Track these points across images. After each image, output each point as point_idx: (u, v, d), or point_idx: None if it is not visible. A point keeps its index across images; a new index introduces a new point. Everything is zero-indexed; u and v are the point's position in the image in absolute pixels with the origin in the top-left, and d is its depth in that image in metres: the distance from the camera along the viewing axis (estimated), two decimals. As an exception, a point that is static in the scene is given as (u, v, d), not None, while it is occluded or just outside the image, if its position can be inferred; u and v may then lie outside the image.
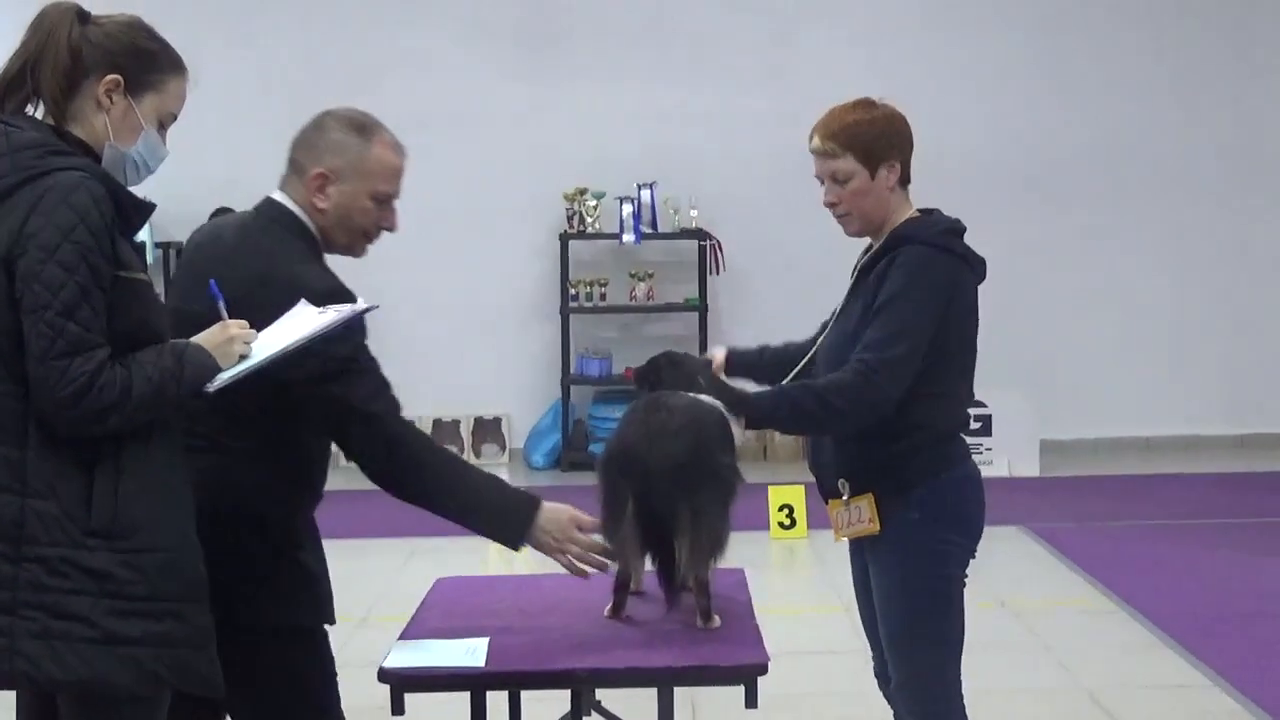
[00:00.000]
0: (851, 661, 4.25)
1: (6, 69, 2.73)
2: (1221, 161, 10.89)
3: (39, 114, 2.72)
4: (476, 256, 10.37)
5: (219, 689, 2.73)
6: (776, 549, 7.93)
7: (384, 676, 3.05)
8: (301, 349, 2.81)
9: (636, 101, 10.67)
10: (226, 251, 3.09)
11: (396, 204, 3.21)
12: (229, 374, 2.70)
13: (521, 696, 3.62)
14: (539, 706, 3.66)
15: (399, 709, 3.07)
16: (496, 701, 3.27)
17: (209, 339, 2.72)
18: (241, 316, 2.80)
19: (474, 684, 3.09)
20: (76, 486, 2.57)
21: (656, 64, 10.72)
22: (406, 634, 3.31)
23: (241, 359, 2.73)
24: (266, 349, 2.76)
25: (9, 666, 2.53)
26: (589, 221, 10.46)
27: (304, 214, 3.13)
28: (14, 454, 2.56)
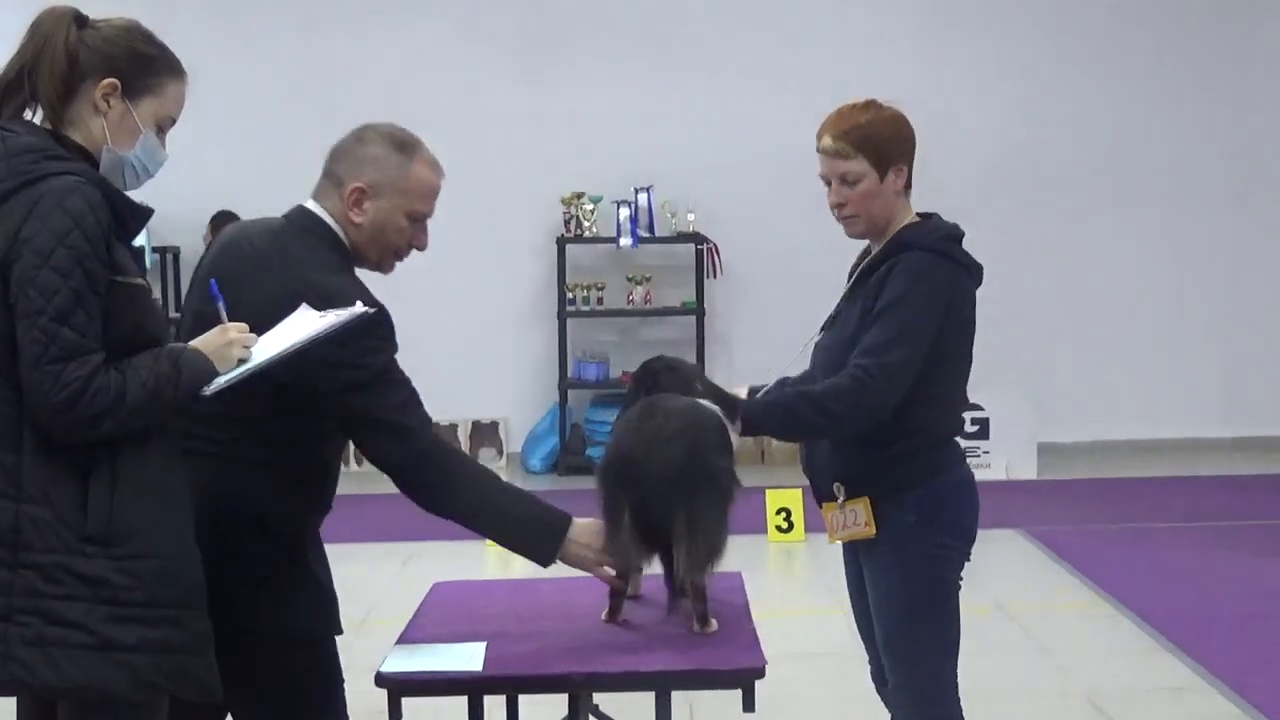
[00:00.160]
0: (849, 664, 4.25)
1: (3, 74, 2.72)
2: (1220, 164, 10.90)
3: (37, 119, 2.72)
4: (474, 260, 10.36)
5: (216, 695, 2.72)
6: (774, 552, 7.93)
7: (381, 681, 3.04)
8: (310, 353, 2.80)
9: (634, 105, 10.67)
10: (256, 257, 3.06)
11: (429, 223, 3.21)
12: (226, 377, 2.68)
13: (519, 700, 3.62)
14: (537, 710, 3.65)
15: (396, 713, 3.06)
16: (494, 705, 3.27)
17: (208, 342, 2.71)
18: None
19: (471, 688, 3.09)
20: (72, 492, 2.56)
21: (654, 67, 10.72)
22: (404, 638, 3.30)
23: (241, 362, 2.71)
24: (266, 352, 2.75)
25: (4, 673, 2.52)
26: (586, 225, 10.46)
27: (337, 226, 3.11)
28: (9, 459, 2.55)
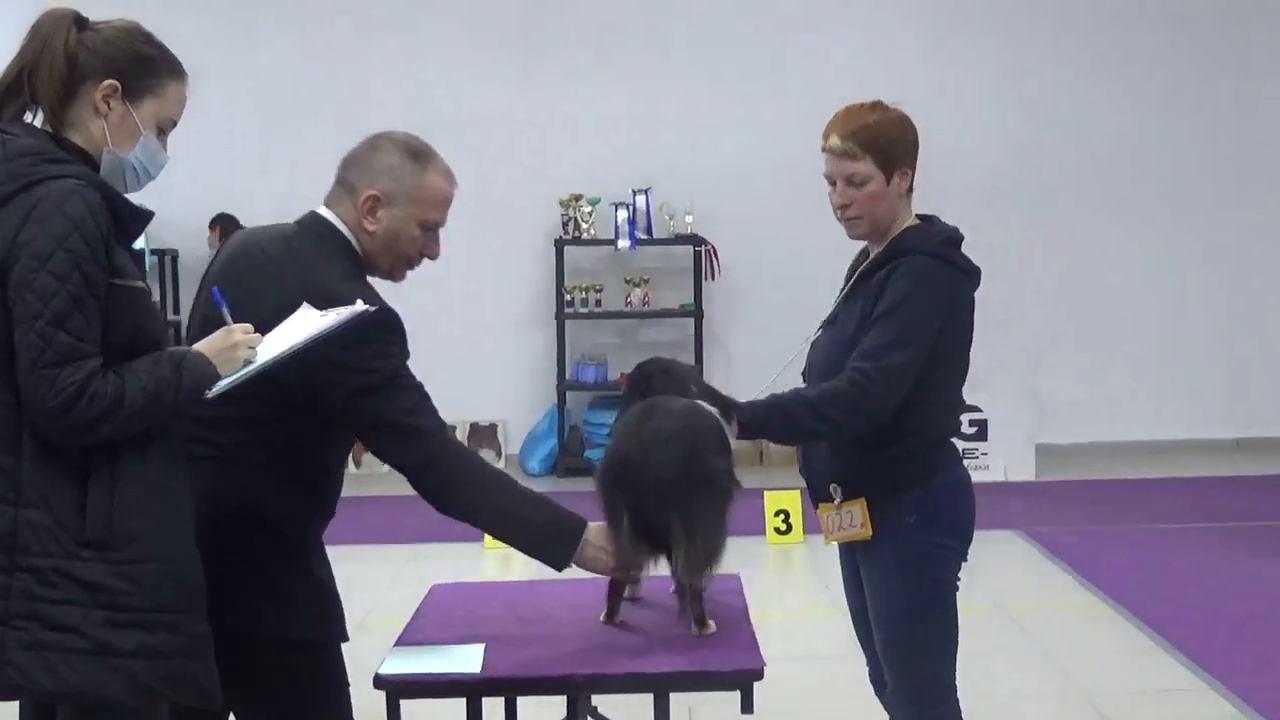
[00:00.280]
0: (847, 666, 4.25)
1: (3, 76, 2.71)
2: (1218, 166, 10.91)
3: (37, 121, 2.70)
4: (472, 262, 10.36)
5: (215, 700, 2.71)
6: (772, 554, 7.93)
7: (380, 683, 3.04)
8: (322, 357, 2.79)
9: (632, 107, 10.68)
10: (267, 263, 3.05)
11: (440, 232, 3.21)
12: (229, 380, 2.67)
13: (518, 703, 3.62)
14: (535, 712, 3.65)
15: (395, 715, 3.06)
16: (493, 708, 3.27)
17: (212, 345, 2.69)
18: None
19: (470, 690, 3.08)
20: (70, 496, 2.55)
21: (652, 70, 10.73)
22: (402, 640, 3.30)
23: (246, 364, 2.70)
24: (269, 352, 2.74)
25: (0, 678, 2.51)
26: (584, 227, 10.47)
27: (350, 233, 3.10)
28: (8, 463, 2.54)
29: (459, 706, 3.13)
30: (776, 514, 8.06)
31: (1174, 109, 10.85)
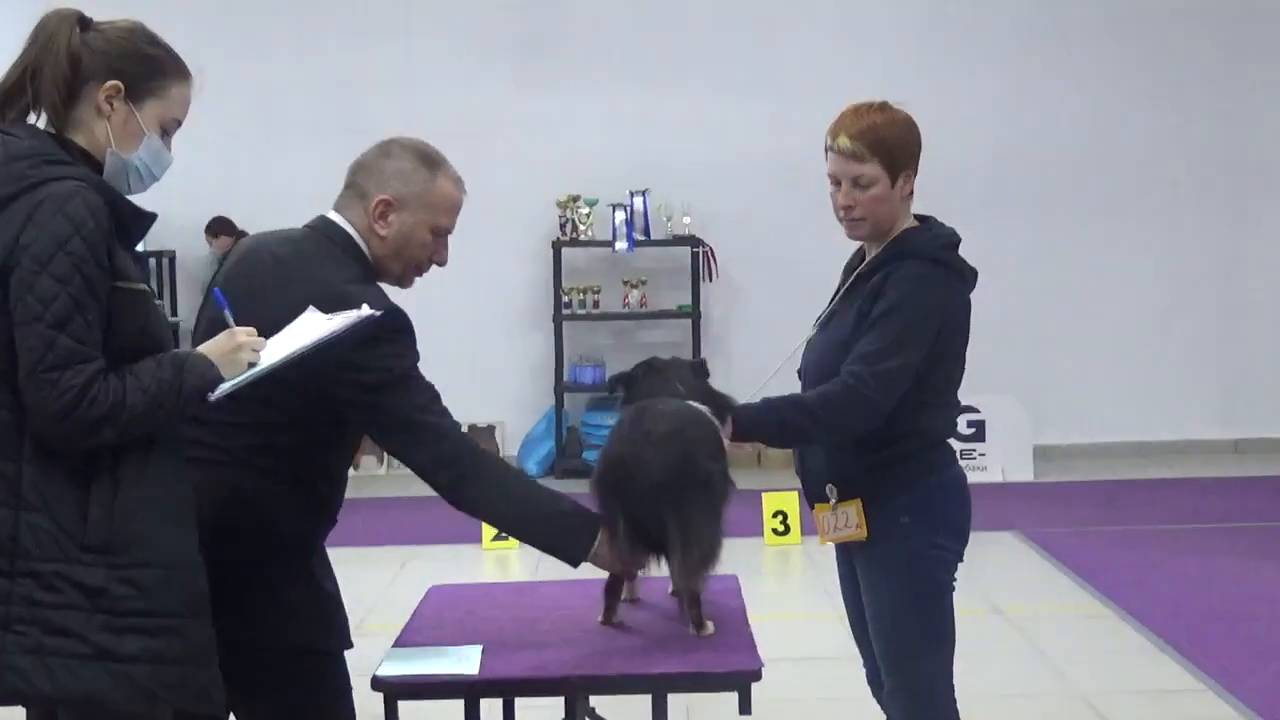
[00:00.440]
0: (845, 667, 4.25)
1: (6, 77, 2.69)
2: (1215, 167, 10.91)
3: (41, 122, 2.68)
4: (469, 264, 10.26)
5: (219, 706, 2.69)
6: (770, 555, 7.93)
7: (378, 685, 3.05)
8: (330, 359, 2.79)
9: (629, 109, 10.67)
10: (276, 266, 3.05)
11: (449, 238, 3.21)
12: (232, 383, 2.66)
13: (516, 704, 3.62)
14: (533, 713, 3.65)
15: (393, 717, 3.07)
16: (491, 709, 3.27)
17: (216, 348, 2.68)
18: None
19: (468, 692, 3.08)
20: (72, 501, 2.53)
21: (649, 71, 10.72)
22: (400, 642, 3.30)
23: (250, 366, 2.69)
24: (273, 355, 2.73)
25: (1, 682, 2.49)
26: (582, 229, 10.47)
27: (360, 238, 3.11)
28: (9, 467, 2.52)
29: (457, 708, 3.12)
30: (774, 515, 8.06)
31: (1170, 110, 10.84)
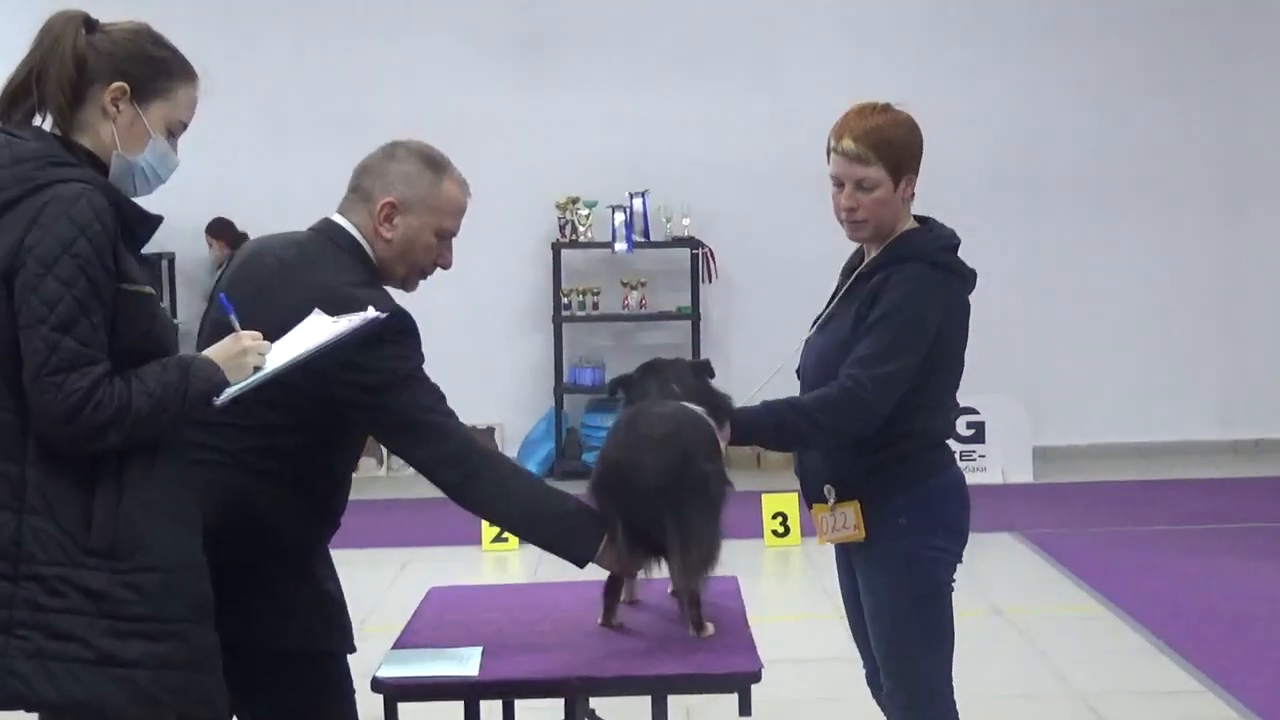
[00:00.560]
0: (845, 668, 4.25)
1: (12, 78, 2.67)
2: (1216, 168, 10.90)
3: (46, 124, 2.67)
4: (469, 265, 10.20)
5: (221, 711, 2.69)
6: (770, 557, 7.93)
7: (377, 686, 3.05)
8: (334, 361, 2.79)
9: (628, 109, 10.67)
10: (280, 269, 3.04)
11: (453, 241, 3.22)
12: (238, 387, 2.65)
13: (515, 705, 3.62)
14: (533, 715, 3.65)
15: (393, 719, 3.07)
16: (490, 710, 3.27)
17: (221, 352, 2.67)
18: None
19: (468, 693, 3.08)
20: (76, 504, 2.51)
21: (648, 72, 10.72)
22: (400, 644, 3.30)
23: (255, 370, 2.68)
24: (279, 359, 2.72)
25: (3, 687, 2.48)
26: (581, 230, 10.46)
27: (365, 241, 3.10)
28: (13, 470, 2.50)
29: (457, 710, 3.12)
30: (774, 516, 8.06)
31: (1170, 111, 10.83)
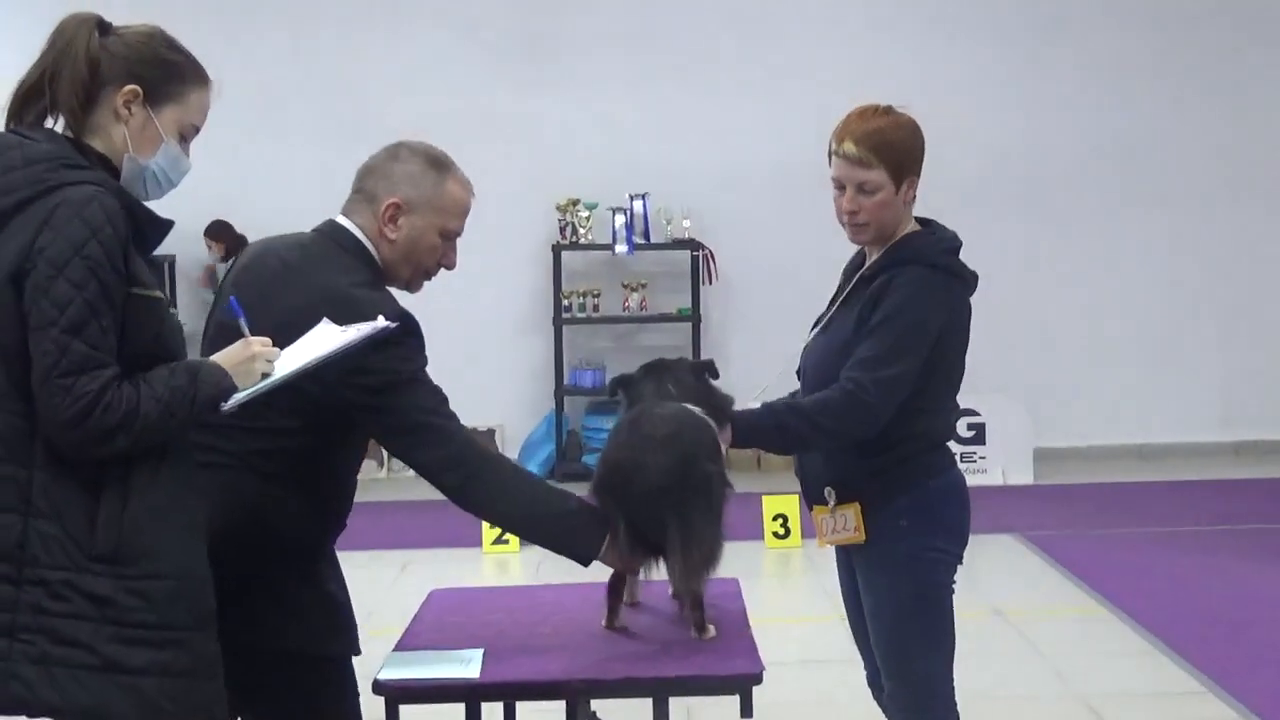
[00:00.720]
0: (846, 670, 4.26)
1: (25, 80, 2.67)
2: (1216, 169, 10.90)
3: (59, 126, 2.67)
4: (469, 267, 10.19)
5: (222, 718, 2.68)
6: (771, 558, 7.93)
7: (379, 689, 3.05)
8: (335, 365, 2.78)
9: (629, 111, 10.67)
10: (284, 270, 3.04)
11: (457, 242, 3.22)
12: (246, 393, 2.64)
13: (517, 708, 3.62)
14: (534, 717, 3.65)
15: (394, 721, 3.07)
16: (492, 712, 3.27)
17: (230, 357, 2.66)
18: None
19: (469, 695, 3.09)
20: (82, 509, 2.50)
21: (648, 75, 10.73)
22: (401, 646, 3.31)
23: (264, 376, 2.67)
24: (287, 366, 2.71)
25: (6, 691, 2.46)
26: (581, 232, 10.47)
27: (369, 242, 3.11)
28: (20, 474, 2.49)
29: (458, 711, 3.13)
30: (775, 518, 8.06)
31: (1171, 111, 10.85)
